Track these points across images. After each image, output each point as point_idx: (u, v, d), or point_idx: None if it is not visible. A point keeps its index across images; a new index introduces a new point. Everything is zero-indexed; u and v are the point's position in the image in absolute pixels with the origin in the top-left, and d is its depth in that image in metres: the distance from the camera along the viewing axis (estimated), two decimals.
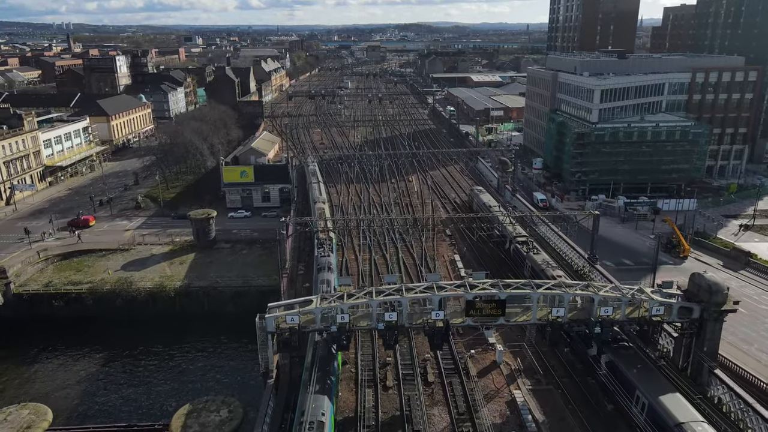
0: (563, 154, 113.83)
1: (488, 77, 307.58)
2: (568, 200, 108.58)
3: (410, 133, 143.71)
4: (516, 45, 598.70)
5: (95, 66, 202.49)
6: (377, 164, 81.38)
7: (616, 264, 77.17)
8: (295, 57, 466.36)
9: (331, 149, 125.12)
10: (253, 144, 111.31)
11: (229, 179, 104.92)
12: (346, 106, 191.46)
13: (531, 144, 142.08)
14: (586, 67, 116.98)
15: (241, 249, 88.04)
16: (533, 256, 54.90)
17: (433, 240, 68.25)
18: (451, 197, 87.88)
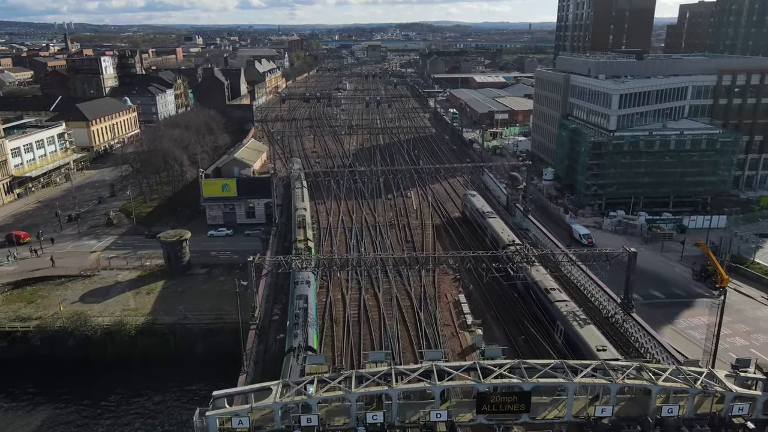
0: (577, 165, 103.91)
1: (492, 78, 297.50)
2: (582, 216, 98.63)
3: (410, 140, 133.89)
4: (519, 44, 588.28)
5: (79, 67, 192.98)
6: (371, 181, 71.51)
7: (644, 297, 67.29)
8: (295, 57, 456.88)
9: (323, 158, 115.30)
10: (237, 154, 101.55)
11: (210, 193, 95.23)
12: (343, 109, 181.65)
13: (540, 151, 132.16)
14: (602, 69, 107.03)
15: (218, 275, 78.26)
16: (560, 309, 44.80)
17: (434, 274, 58.36)
18: (454, 216, 77.86)
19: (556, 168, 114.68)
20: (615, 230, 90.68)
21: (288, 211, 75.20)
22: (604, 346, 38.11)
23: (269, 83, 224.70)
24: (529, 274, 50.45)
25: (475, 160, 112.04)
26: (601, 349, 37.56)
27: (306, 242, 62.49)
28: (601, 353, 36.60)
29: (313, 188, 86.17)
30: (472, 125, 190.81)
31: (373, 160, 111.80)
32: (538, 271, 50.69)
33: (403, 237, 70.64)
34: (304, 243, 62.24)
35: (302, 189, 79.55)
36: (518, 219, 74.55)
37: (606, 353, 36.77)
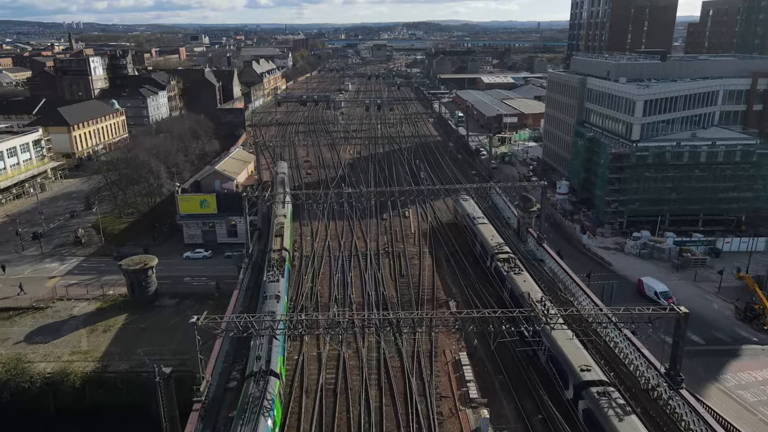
0: (595, 178, 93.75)
1: (500, 78, 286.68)
2: (601, 235, 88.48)
3: (412, 147, 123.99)
4: (527, 43, 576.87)
5: (67, 68, 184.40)
6: (361, 201, 61.85)
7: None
8: (299, 56, 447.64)
9: (316, 168, 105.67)
10: (219, 166, 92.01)
11: (187, 210, 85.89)
12: (342, 112, 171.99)
13: (552, 160, 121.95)
14: (622, 72, 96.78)
15: (188, 307, 68.71)
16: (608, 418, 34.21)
17: (431, 322, 48.51)
18: (458, 242, 67.92)
19: (571, 180, 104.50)
20: (639, 254, 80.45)
21: (268, 236, 65.55)
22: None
23: (267, 84, 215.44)
24: (552, 341, 40.00)
25: (482, 172, 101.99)
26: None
27: (281, 252, 57.37)
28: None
29: (298, 206, 76.91)
30: (478, 129, 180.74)
31: (369, 171, 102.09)
32: (562, 332, 40.20)
33: (398, 268, 60.78)
34: (278, 253, 57.27)
35: (285, 204, 73.86)
36: (531, 247, 64.53)
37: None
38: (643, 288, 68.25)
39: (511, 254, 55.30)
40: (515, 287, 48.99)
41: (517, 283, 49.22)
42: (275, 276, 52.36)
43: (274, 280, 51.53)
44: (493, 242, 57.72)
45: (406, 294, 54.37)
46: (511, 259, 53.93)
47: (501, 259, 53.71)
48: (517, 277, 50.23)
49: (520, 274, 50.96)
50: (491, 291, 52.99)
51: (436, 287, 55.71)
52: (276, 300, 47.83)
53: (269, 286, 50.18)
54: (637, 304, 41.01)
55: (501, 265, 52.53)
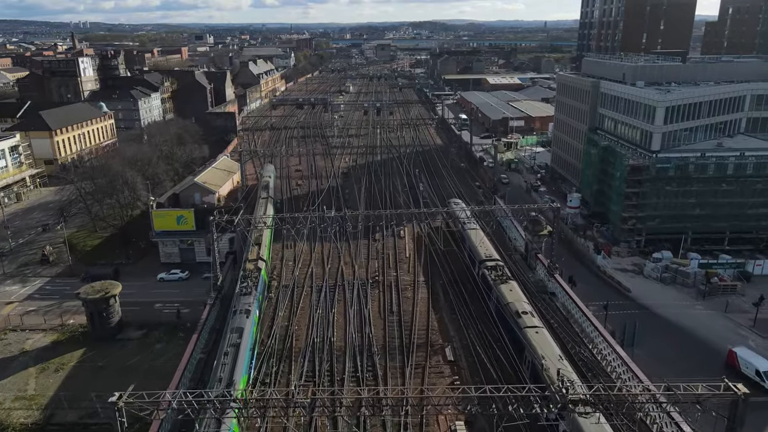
0: (610, 191, 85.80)
1: (506, 79, 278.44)
2: (617, 254, 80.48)
3: (412, 154, 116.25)
4: (534, 43, 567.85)
5: (55, 69, 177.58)
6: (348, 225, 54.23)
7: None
8: (301, 56, 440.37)
9: (307, 178, 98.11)
10: (199, 177, 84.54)
11: (163, 226, 78.61)
12: (341, 115, 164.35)
13: (561, 168, 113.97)
14: (640, 75, 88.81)
15: (156, 340, 61.47)
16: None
17: (424, 373, 40.97)
18: (457, 267, 60.15)
19: (583, 191, 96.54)
20: (661, 278, 72.39)
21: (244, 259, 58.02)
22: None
23: (265, 86, 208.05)
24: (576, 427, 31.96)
25: (486, 183, 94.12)
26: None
27: (257, 262, 54.37)
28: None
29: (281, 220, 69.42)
30: (483, 132, 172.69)
31: (363, 182, 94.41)
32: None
33: (388, 301, 53.06)
34: (254, 263, 54.50)
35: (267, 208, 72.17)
36: (540, 276, 56.66)
37: None
38: (737, 363, 53.37)
39: (499, 262, 52.28)
40: (501, 297, 46.30)
41: (504, 293, 46.41)
42: (248, 288, 49.24)
43: (246, 292, 48.45)
44: (482, 248, 54.60)
45: (396, 337, 46.66)
46: (499, 267, 51.01)
47: (488, 266, 51.08)
48: (504, 287, 47.33)
49: (506, 283, 48.06)
50: (495, 334, 45.21)
51: (431, 327, 47.93)
52: (245, 315, 44.63)
53: (240, 299, 47.22)
54: (671, 354, 33.20)
55: (488, 273, 49.85)
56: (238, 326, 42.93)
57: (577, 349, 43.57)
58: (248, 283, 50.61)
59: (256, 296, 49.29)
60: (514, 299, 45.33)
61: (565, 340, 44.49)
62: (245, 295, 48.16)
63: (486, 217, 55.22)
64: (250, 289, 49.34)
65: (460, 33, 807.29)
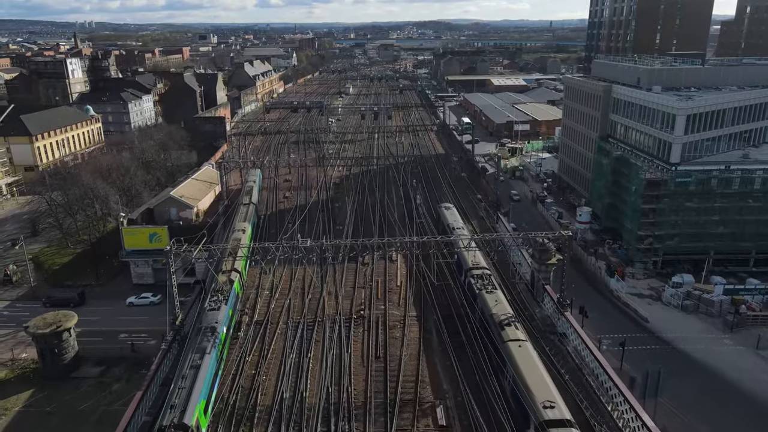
0: (623, 205, 78.66)
1: (510, 80, 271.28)
2: (632, 276, 73.35)
3: (410, 162, 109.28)
4: (539, 43, 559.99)
5: (42, 70, 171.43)
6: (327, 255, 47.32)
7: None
8: (303, 56, 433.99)
9: (296, 190, 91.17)
10: (176, 191, 77.69)
11: (134, 245, 71.95)
12: (339, 119, 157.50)
13: (569, 177, 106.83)
14: (656, 79, 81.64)
15: (115, 379, 54.96)
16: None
17: (414, 424, 34.27)
18: (454, 298, 53.09)
19: (593, 204, 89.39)
20: (682, 306, 65.15)
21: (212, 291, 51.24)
22: None
23: (261, 87, 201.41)
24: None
25: (488, 196, 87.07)
26: None
27: (230, 274, 50.84)
28: None
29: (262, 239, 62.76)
30: (487, 137, 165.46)
31: (357, 194, 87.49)
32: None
33: (374, 343, 46.11)
34: (227, 275, 50.95)
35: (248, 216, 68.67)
36: (548, 311, 49.61)
37: None
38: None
39: (486, 270, 50.48)
40: (485, 307, 44.47)
41: (488, 302, 44.55)
42: (217, 303, 45.79)
43: (214, 308, 44.96)
44: (469, 256, 52.17)
45: (380, 391, 39.72)
46: (486, 276, 49.20)
47: (475, 275, 49.12)
48: (489, 297, 45.40)
49: (492, 293, 46.06)
50: (497, 391, 38.21)
51: (421, 380, 40.94)
52: (210, 333, 41.09)
53: (207, 315, 43.93)
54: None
55: (474, 282, 47.86)
56: (201, 345, 39.55)
57: (592, 410, 36.53)
58: (218, 297, 46.83)
59: (226, 311, 45.45)
60: (499, 310, 43.09)
61: (578, 398, 37.44)
62: (213, 311, 44.58)
63: (488, 245, 48.06)
64: (219, 304, 45.68)
65: (464, 33, 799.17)
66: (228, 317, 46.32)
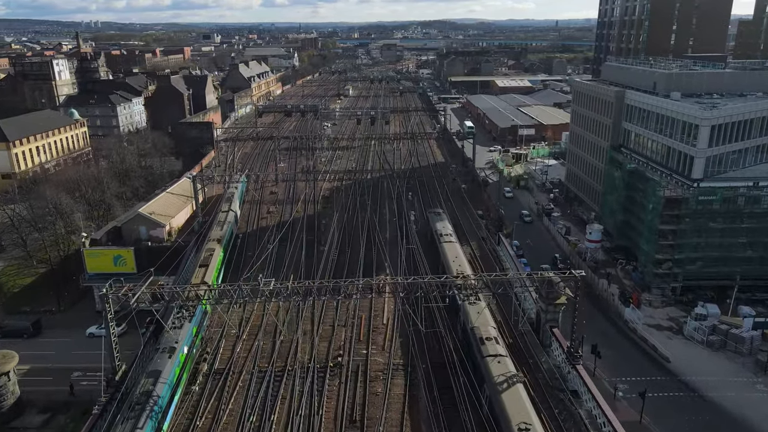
0: (638, 223, 71.46)
1: (515, 81, 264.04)
2: (649, 304, 66.12)
3: (406, 172, 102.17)
4: (545, 42, 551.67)
5: (28, 72, 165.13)
6: (298, 298, 40.40)
7: None
8: (306, 56, 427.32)
9: (282, 205, 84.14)
10: (145, 207, 70.57)
11: (98, 268, 65.35)
12: (334, 123, 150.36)
13: (577, 188, 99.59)
14: (675, 84, 74.31)
15: (59, 429, 48.05)
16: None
17: None
18: (448, 347, 45.88)
19: (604, 220, 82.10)
20: (707, 342, 57.86)
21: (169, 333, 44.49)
22: None
23: (257, 89, 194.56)
24: None
25: (491, 210, 79.87)
26: None
27: (198, 288, 45.05)
28: None
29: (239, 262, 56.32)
30: (490, 141, 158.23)
31: (346, 209, 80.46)
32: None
33: (350, 399, 39.10)
34: (194, 291, 45.35)
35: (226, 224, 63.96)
36: (556, 360, 42.43)
37: None
38: None
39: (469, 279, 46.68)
40: (466, 319, 42.58)
41: (470, 314, 42.34)
42: (181, 321, 42.98)
43: (176, 326, 42.27)
44: (455, 265, 50.72)
45: None
46: (469, 287, 44.82)
47: (458, 285, 44.71)
48: (471, 308, 43.11)
49: (475, 304, 43.59)
50: None
51: None
52: (168, 355, 38.58)
53: (166, 336, 41.16)
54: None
55: (457, 292, 44.14)
56: (155, 369, 36.94)
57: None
58: (183, 314, 43.74)
59: (189, 330, 42.32)
60: (480, 323, 41.13)
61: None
62: (174, 329, 41.83)
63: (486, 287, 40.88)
64: (182, 322, 42.54)
65: (469, 32, 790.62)
66: (191, 335, 42.85)
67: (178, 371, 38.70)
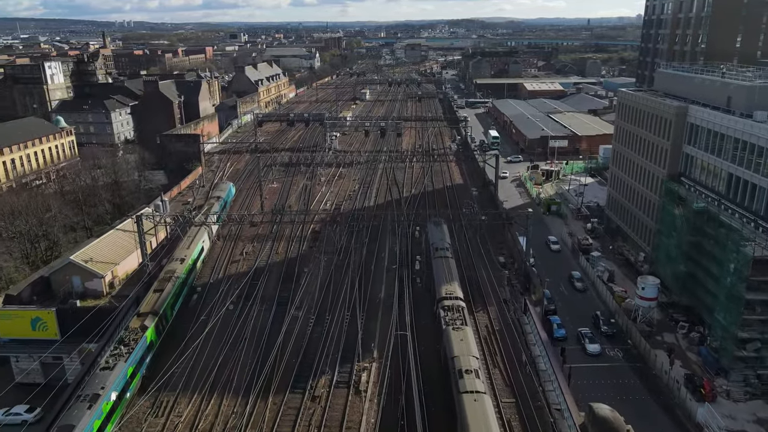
0: (711, 281, 54.89)
1: (546, 84, 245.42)
2: (727, 395, 49.66)
3: (417, 197, 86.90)
4: (577, 42, 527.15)
5: (19, 76, 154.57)
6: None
7: None
8: (328, 56, 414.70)
9: (264, 239, 69.71)
10: (80, 253, 56.45)
11: (12, 332, 51.86)
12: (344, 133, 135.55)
13: (620, 218, 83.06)
14: (760, 99, 57.22)
15: None
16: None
17: None
18: None
19: (659, 268, 65.57)
20: None
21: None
22: None
23: (265, 93, 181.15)
24: None
25: (515, 258, 64.03)
26: None
27: (145, 318, 42.65)
28: None
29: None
30: (516, 152, 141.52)
31: (336, 251, 65.53)
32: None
33: None
34: (141, 320, 42.78)
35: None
36: None
37: None
38: None
39: (460, 302, 44.72)
40: (448, 347, 38.71)
41: (452, 341, 38.71)
42: (115, 359, 37.89)
43: (108, 366, 37.19)
44: (445, 284, 47.53)
45: None
46: (457, 308, 43.45)
47: (446, 306, 43.26)
48: (454, 335, 39.51)
49: (459, 329, 40.01)
50: None
51: None
52: (87, 404, 33.11)
53: (94, 378, 35.87)
54: None
55: (444, 314, 41.56)
56: (66, 424, 32.35)
57: None
58: (120, 350, 38.75)
59: (123, 371, 36.85)
60: (461, 352, 37.83)
61: None
62: (104, 371, 36.67)
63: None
64: (116, 360, 37.26)
65: (498, 31, 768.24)
66: (126, 376, 36.78)
67: (98, 425, 32.79)
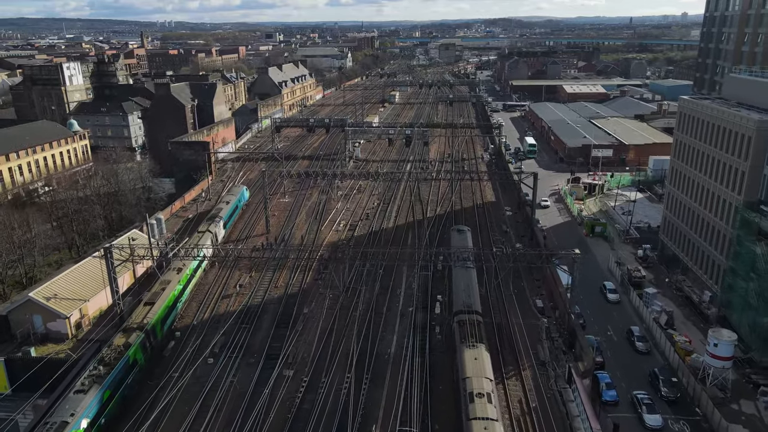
0: None
1: (587, 87, 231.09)
2: None
3: (442, 218, 76.94)
4: (619, 41, 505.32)
5: (37, 77, 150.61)
6: None
7: None
8: (360, 56, 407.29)
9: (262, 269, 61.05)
10: (40, 289, 48.19)
11: None
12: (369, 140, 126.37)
13: (678, 245, 71.46)
14: None
15: None
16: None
17: None
18: None
19: (733, 316, 54.15)
20: None
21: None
22: None
23: (288, 96, 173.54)
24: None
25: (556, 302, 53.63)
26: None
27: (130, 335, 39.24)
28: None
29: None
30: (556, 163, 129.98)
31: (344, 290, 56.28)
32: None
33: None
34: (125, 337, 40.18)
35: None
36: None
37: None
38: None
39: (478, 316, 41.41)
40: (461, 367, 36.48)
41: (465, 361, 36.37)
42: (91, 381, 34.58)
43: (81, 389, 34.08)
44: (463, 295, 43.84)
45: None
46: (474, 323, 39.87)
47: (460, 321, 40.04)
48: (468, 353, 37.14)
49: (473, 347, 37.47)
50: None
51: None
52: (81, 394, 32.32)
53: (67, 400, 33.31)
54: None
55: (458, 329, 39.02)
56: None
57: None
58: (99, 371, 35.72)
59: (98, 396, 33.68)
60: (474, 373, 34.54)
61: None
62: (78, 393, 33.54)
63: None
64: (86, 387, 33.73)
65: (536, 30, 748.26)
66: (101, 400, 34.16)
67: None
